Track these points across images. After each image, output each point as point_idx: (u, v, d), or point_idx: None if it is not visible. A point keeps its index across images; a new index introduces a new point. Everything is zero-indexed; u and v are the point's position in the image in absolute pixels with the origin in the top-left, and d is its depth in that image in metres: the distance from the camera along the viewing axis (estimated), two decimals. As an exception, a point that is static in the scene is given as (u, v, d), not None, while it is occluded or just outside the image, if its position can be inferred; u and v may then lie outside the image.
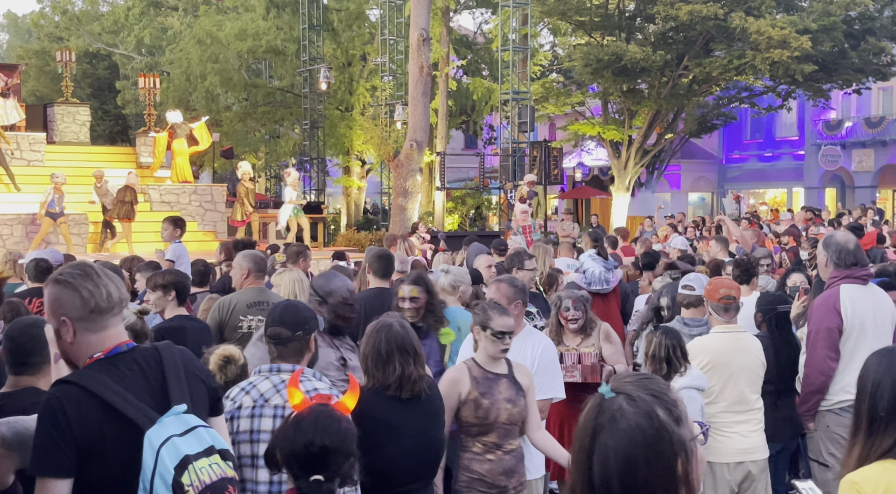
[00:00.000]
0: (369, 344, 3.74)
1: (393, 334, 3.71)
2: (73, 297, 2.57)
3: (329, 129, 28.28)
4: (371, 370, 3.73)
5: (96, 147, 24.00)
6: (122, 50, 38.18)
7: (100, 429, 2.49)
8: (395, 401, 3.70)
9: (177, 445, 2.43)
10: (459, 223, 30.13)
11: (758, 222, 19.32)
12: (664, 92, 27.41)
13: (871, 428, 2.42)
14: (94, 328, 2.59)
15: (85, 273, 2.61)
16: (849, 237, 5.15)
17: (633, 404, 1.73)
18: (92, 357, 2.58)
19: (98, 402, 2.49)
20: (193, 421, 2.53)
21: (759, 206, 31.79)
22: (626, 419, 1.72)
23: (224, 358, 3.67)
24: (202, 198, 19.32)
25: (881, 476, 2.33)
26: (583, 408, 1.81)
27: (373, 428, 3.57)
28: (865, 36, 25.99)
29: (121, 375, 2.57)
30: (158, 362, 2.67)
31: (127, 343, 2.65)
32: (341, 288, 4.51)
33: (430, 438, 3.82)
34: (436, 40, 26.48)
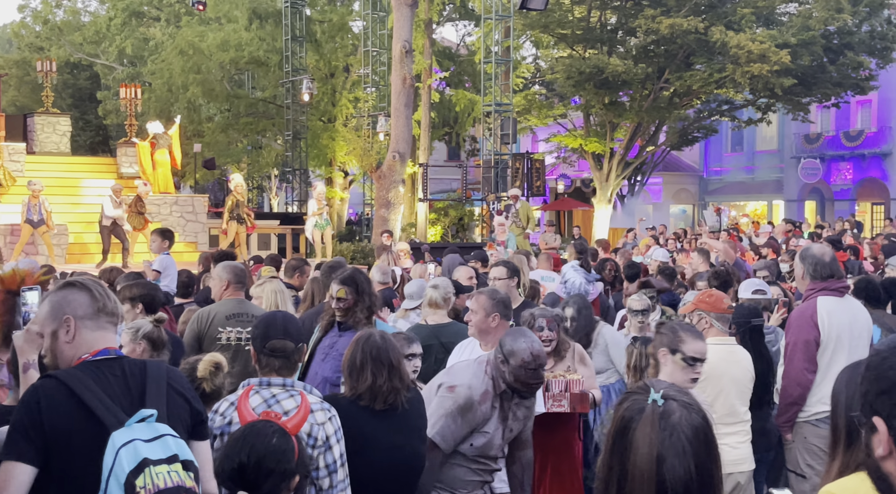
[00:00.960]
0: (348, 353, 3.75)
1: (370, 344, 3.70)
2: (82, 297, 2.76)
3: (311, 140, 28.26)
4: (347, 378, 3.75)
5: (77, 157, 23.85)
6: (104, 60, 38.03)
7: (69, 424, 2.56)
8: (366, 412, 3.65)
9: (138, 448, 2.47)
10: (442, 234, 30.14)
11: (737, 234, 19.43)
12: (645, 105, 27.58)
13: (849, 440, 2.44)
14: (94, 327, 2.75)
15: (96, 281, 2.86)
16: (825, 250, 5.20)
17: (689, 409, 1.83)
18: (80, 358, 2.69)
19: (73, 398, 2.58)
20: (163, 430, 2.56)
21: (740, 219, 31.97)
22: (691, 423, 1.81)
23: (214, 364, 3.64)
24: (183, 209, 19.24)
25: (860, 487, 2.35)
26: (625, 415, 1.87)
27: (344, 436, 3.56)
28: (844, 50, 26.28)
29: (103, 377, 2.66)
30: (143, 373, 2.73)
31: (116, 349, 2.76)
32: (524, 349, 4.02)
33: (404, 454, 3.73)
34: (419, 52, 26.54)
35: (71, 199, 19.24)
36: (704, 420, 1.85)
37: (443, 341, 5.71)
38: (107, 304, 2.78)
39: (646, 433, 1.81)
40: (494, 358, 4.12)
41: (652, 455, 1.79)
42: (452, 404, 4.06)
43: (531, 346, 4.03)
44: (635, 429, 1.83)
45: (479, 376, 4.13)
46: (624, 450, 1.83)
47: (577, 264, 8.19)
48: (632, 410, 1.86)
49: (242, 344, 5.35)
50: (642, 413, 1.84)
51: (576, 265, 8.15)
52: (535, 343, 4.08)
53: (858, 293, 6.16)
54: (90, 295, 2.76)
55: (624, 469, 1.82)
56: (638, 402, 1.87)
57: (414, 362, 4.59)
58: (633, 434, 1.83)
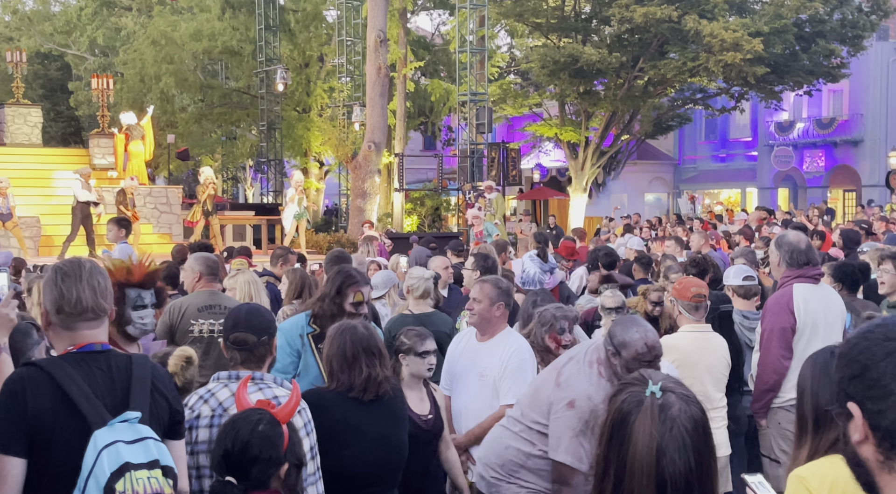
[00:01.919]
0: (334, 346, 3.70)
1: (358, 336, 3.69)
2: (48, 292, 2.69)
3: (286, 131, 28.10)
4: (336, 372, 3.69)
5: (49, 148, 23.61)
6: (75, 50, 37.57)
7: (52, 417, 2.51)
8: (355, 403, 3.65)
9: (120, 451, 2.44)
10: (418, 224, 30.10)
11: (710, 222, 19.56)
12: (620, 93, 27.65)
13: (817, 425, 2.47)
14: (63, 325, 2.68)
15: (70, 273, 2.71)
16: (801, 237, 5.23)
17: (688, 401, 1.84)
18: (66, 349, 2.65)
19: (57, 390, 2.53)
20: (146, 432, 2.53)
21: (714, 206, 32.20)
22: (691, 416, 1.82)
23: (186, 359, 3.61)
24: (157, 201, 19.10)
25: (828, 470, 2.37)
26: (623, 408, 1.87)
27: (332, 430, 3.53)
28: (816, 38, 26.45)
29: (88, 371, 2.61)
30: (128, 369, 2.69)
31: (102, 343, 2.70)
32: (637, 340, 3.69)
33: (392, 442, 3.75)
34: (393, 41, 26.45)
35: (43, 191, 19.06)
36: (702, 412, 1.85)
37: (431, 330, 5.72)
38: (64, 306, 2.66)
39: (646, 426, 1.80)
40: (605, 353, 3.80)
41: (652, 448, 1.78)
42: (578, 422, 3.71)
43: (645, 337, 3.72)
44: (634, 422, 1.82)
45: (594, 380, 3.78)
46: (622, 443, 1.82)
47: (534, 254, 8.19)
48: (630, 402, 1.85)
49: (215, 336, 5.30)
50: (641, 405, 1.83)
51: (533, 255, 8.16)
52: (650, 332, 3.78)
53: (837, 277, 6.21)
54: (52, 294, 2.68)
55: (622, 461, 1.82)
56: (636, 394, 1.86)
57: (429, 359, 4.40)
58: (631, 427, 1.82)
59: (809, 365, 2.58)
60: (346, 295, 4.58)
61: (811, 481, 2.35)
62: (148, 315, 3.85)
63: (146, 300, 3.80)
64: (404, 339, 4.44)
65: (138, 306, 3.75)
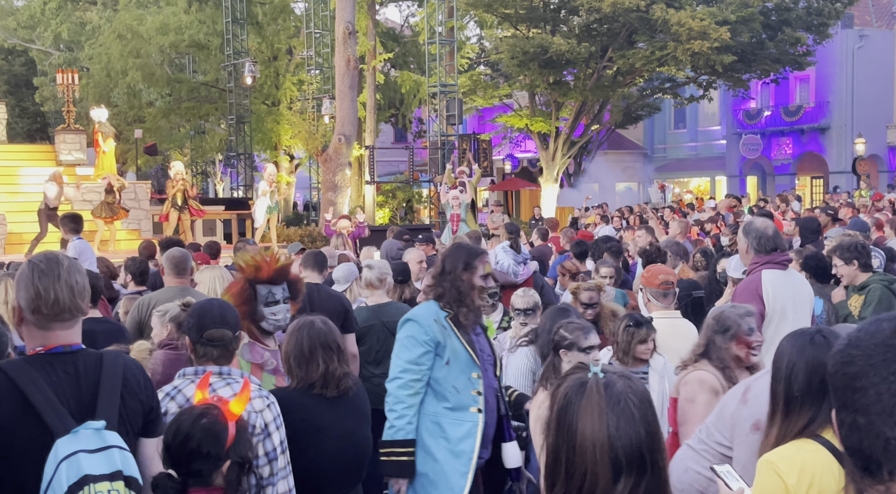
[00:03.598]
0: (291, 342, 3.67)
1: (315, 331, 3.65)
2: (24, 290, 2.55)
3: (256, 124, 27.91)
4: (294, 368, 3.66)
5: (14, 145, 23.29)
6: (40, 45, 37.06)
7: (13, 424, 2.42)
8: (319, 400, 3.62)
9: (80, 462, 2.34)
10: (390, 217, 30.06)
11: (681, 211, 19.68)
12: (590, 83, 27.73)
13: (787, 409, 2.48)
14: (36, 324, 2.55)
15: (47, 271, 2.56)
16: (767, 223, 5.26)
17: (629, 379, 1.88)
18: (34, 350, 2.55)
19: (20, 397, 2.43)
20: (111, 440, 2.43)
21: (684, 195, 32.41)
22: (635, 390, 1.85)
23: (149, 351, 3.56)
24: (126, 196, 18.86)
25: (796, 455, 2.39)
26: (567, 393, 1.88)
27: (296, 429, 3.48)
28: (782, 27, 26.68)
29: (54, 375, 2.50)
30: (97, 371, 2.58)
31: (72, 345, 2.58)
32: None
33: (357, 439, 3.74)
34: (362, 33, 26.34)
35: (8, 188, 18.79)
36: (645, 391, 1.89)
37: (384, 321, 5.72)
38: (41, 305, 2.52)
39: (593, 403, 1.82)
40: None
41: (603, 421, 1.80)
42: None
43: None
44: (581, 403, 1.83)
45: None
46: (570, 426, 1.83)
47: (507, 245, 8.18)
48: (572, 387, 1.87)
49: (184, 331, 5.26)
50: (584, 387, 1.85)
51: (506, 246, 8.16)
52: None
53: (806, 267, 6.26)
54: (27, 292, 2.54)
55: (572, 444, 1.82)
56: (578, 380, 1.88)
57: (593, 354, 4.20)
58: (578, 408, 1.83)
59: (787, 347, 2.57)
60: (475, 268, 4.22)
61: (780, 466, 2.37)
62: (280, 310, 3.98)
63: (277, 295, 3.93)
64: (565, 334, 4.21)
65: (270, 302, 3.88)
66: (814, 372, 2.47)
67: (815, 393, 2.45)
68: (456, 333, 4.14)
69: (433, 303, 4.23)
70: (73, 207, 17.42)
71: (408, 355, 4.10)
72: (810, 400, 2.45)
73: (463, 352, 4.14)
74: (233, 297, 3.82)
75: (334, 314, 4.96)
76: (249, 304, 3.71)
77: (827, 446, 2.39)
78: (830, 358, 1.53)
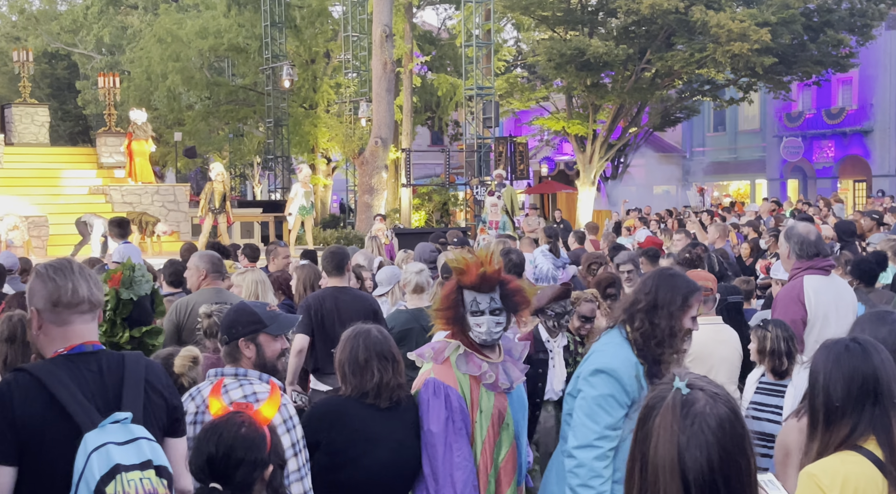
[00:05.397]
0: (346, 350, 3.62)
1: (371, 340, 3.61)
2: (41, 288, 2.61)
3: (293, 127, 28.09)
4: (348, 377, 3.61)
5: (56, 148, 23.65)
6: (82, 49, 37.64)
7: (42, 422, 2.47)
8: (373, 410, 3.57)
9: (110, 452, 2.40)
10: (426, 219, 30.08)
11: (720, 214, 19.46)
12: (627, 86, 27.55)
13: (828, 420, 2.43)
14: (58, 321, 2.60)
15: (59, 267, 2.65)
16: (810, 228, 5.18)
17: (716, 399, 1.78)
18: (56, 352, 2.59)
19: (46, 395, 2.49)
20: (138, 432, 2.49)
21: (723, 198, 32.07)
22: (716, 413, 1.76)
23: (192, 359, 3.59)
24: (165, 199, 19.09)
25: (839, 467, 2.33)
26: (649, 404, 1.83)
27: (348, 439, 3.47)
28: (824, 28, 26.31)
29: (78, 373, 2.56)
30: (120, 369, 2.64)
31: (93, 344, 2.64)
32: None
33: (408, 451, 3.65)
34: (399, 36, 26.40)
35: (51, 190, 19.08)
36: (732, 412, 1.79)
37: (423, 324, 5.70)
38: (62, 296, 2.58)
39: (667, 421, 1.76)
40: None
41: (673, 443, 1.74)
42: None
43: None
44: (656, 418, 1.78)
45: None
46: (645, 439, 1.79)
47: (546, 249, 8.15)
48: (655, 398, 1.81)
49: (223, 334, 5.28)
50: (664, 400, 1.79)
51: (545, 250, 8.12)
52: None
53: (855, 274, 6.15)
54: (45, 287, 2.60)
55: (645, 459, 1.78)
56: (662, 391, 1.82)
57: None
58: (653, 423, 1.78)
59: (821, 358, 2.53)
60: (690, 307, 3.49)
61: (822, 479, 2.31)
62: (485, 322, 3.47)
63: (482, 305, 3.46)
64: None
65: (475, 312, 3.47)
66: (852, 380, 2.44)
67: (856, 401, 2.42)
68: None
69: (626, 348, 3.46)
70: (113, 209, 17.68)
71: (607, 419, 3.38)
72: (851, 408, 2.42)
73: None
74: (440, 299, 3.59)
75: (361, 316, 4.83)
76: (454, 310, 3.44)
77: (870, 457, 2.34)
78: None
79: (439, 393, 3.48)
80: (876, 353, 2.46)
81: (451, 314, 3.52)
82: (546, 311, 5.19)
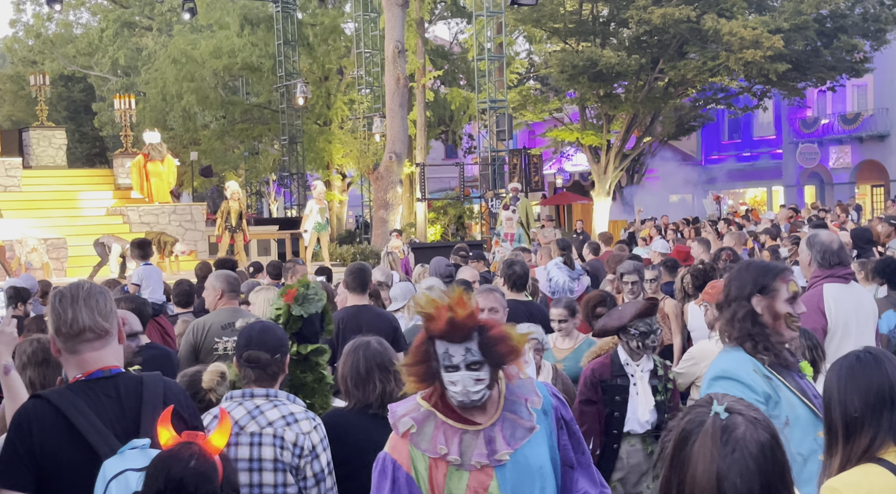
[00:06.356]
0: (347, 363, 3.65)
1: (371, 352, 3.64)
2: (49, 315, 2.64)
3: (308, 144, 28.21)
4: (351, 389, 3.64)
5: (73, 170, 23.84)
6: (98, 71, 38.00)
7: (60, 449, 2.48)
8: (376, 420, 3.56)
9: (129, 480, 2.38)
10: (442, 233, 30.08)
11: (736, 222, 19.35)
12: (641, 95, 27.51)
13: (847, 432, 2.40)
14: (66, 349, 2.62)
15: (64, 295, 2.64)
16: (833, 237, 5.13)
17: (756, 424, 1.73)
18: (74, 377, 2.61)
19: (64, 423, 2.49)
20: None
21: (738, 206, 31.93)
22: (757, 439, 1.70)
23: (220, 374, 3.58)
24: (182, 218, 19.19)
25: (862, 481, 2.30)
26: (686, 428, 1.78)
27: (354, 450, 3.48)
28: (838, 33, 26.21)
29: (96, 399, 2.56)
30: (138, 392, 2.64)
31: (110, 368, 2.64)
32: None
33: None
34: (411, 52, 26.49)
35: (69, 212, 19.22)
36: (773, 438, 1.73)
37: None
38: (60, 326, 2.58)
39: (706, 447, 1.71)
40: None
41: (712, 471, 1.69)
42: None
43: None
44: (694, 443, 1.73)
45: None
46: (682, 465, 1.74)
47: (560, 261, 8.11)
48: (693, 422, 1.76)
49: (240, 353, 5.29)
50: (702, 426, 1.74)
51: (559, 262, 8.08)
52: None
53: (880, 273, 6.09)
54: (51, 316, 2.63)
55: (682, 486, 1.73)
56: (700, 415, 1.77)
57: None
58: (691, 448, 1.73)
59: (834, 374, 2.52)
60: (774, 290, 3.20)
61: (845, 492, 2.28)
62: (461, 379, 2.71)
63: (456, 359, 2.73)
64: None
65: (448, 367, 2.74)
66: (868, 390, 2.43)
67: (873, 410, 2.41)
68: (780, 380, 3.14)
69: (736, 350, 3.22)
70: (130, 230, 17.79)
71: None
72: (869, 417, 2.41)
73: (801, 406, 3.12)
74: (410, 353, 2.92)
75: (383, 334, 4.87)
76: (425, 364, 2.77)
77: (892, 469, 2.32)
78: None
79: (387, 472, 2.80)
80: (888, 361, 2.48)
81: (423, 369, 2.78)
82: (629, 330, 4.64)
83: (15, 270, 15.20)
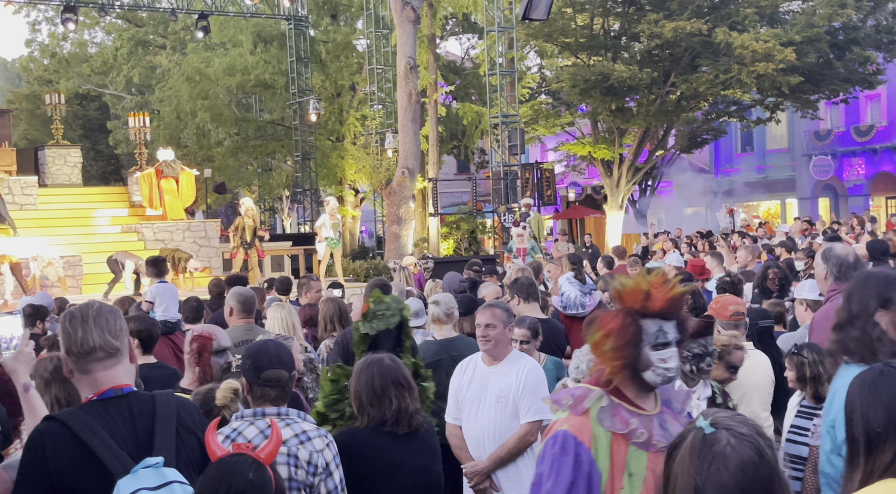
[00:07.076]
0: (361, 380, 3.63)
1: (385, 368, 3.62)
2: (61, 335, 2.65)
3: (321, 160, 28.31)
4: (365, 406, 3.61)
5: (89, 188, 23.99)
6: (112, 90, 38.30)
7: (74, 470, 2.49)
8: (391, 438, 3.58)
9: None
10: (454, 248, 30.06)
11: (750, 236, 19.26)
12: (653, 109, 27.50)
13: (869, 448, 2.37)
14: (77, 369, 2.63)
15: (75, 315, 2.65)
16: (849, 250, 5.10)
17: (741, 439, 1.69)
18: (87, 397, 2.62)
19: (78, 443, 2.50)
20: (171, 476, 2.47)
21: (752, 219, 31.77)
22: (738, 454, 1.67)
23: (233, 391, 3.58)
24: (196, 235, 19.28)
25: (885, 497, 2.28)
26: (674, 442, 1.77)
27: (369, 468, 3.48)
28: (850, 46, 26.15)
29: (109, 419, 2.57)
30: (151, 411, 2.64)
31: (123, 387, 2.64)
32: None
33: (429, 475, 3.69)
34: (423, 67, 26.57)
35: (84, 230, 19.33)
36: (757, 453, 1.70)
37: (453, 355, 5.67)
38: (71, 346, 2.60)
39: (685, 461, 1.71)
40: None
41: (690, 485, 1.68)
42: None
43: None
44: (676, 457, 1.74)
45: None
46: (667, 480, 1.75)
47: (571, 276, 8.07)
48: (680, 437, 1.77)
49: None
50: (685, 438, 1.75)
51: (570, 277, 8.04)
52: None
53: None
54: (62, 336, 2.64)
55: None
56: (689, 429, 1.77)
57: None
58: (673, 463, 1.74)
59: (857, 385, 2.48)
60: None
61: (866, 508, 2.26)
62: (672, 355, 2.78)
63: (670, 335, 2.78)
64: None
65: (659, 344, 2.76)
66: (892, 404, 2.37)
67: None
68: None
69: (852, 366, 3.06)
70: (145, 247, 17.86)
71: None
72: (893, 432, 2.36)
73: None
74: (609, 337, 2.77)
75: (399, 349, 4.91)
76: (633, 347, 2.70)
77: (915, 487, 2.29)
78: None
79: (568, 450, 2.74)
80: None
81: (631, 352, 2.74)
82: (681, 352, 4.42)
83: (31, 287, 15.29)
